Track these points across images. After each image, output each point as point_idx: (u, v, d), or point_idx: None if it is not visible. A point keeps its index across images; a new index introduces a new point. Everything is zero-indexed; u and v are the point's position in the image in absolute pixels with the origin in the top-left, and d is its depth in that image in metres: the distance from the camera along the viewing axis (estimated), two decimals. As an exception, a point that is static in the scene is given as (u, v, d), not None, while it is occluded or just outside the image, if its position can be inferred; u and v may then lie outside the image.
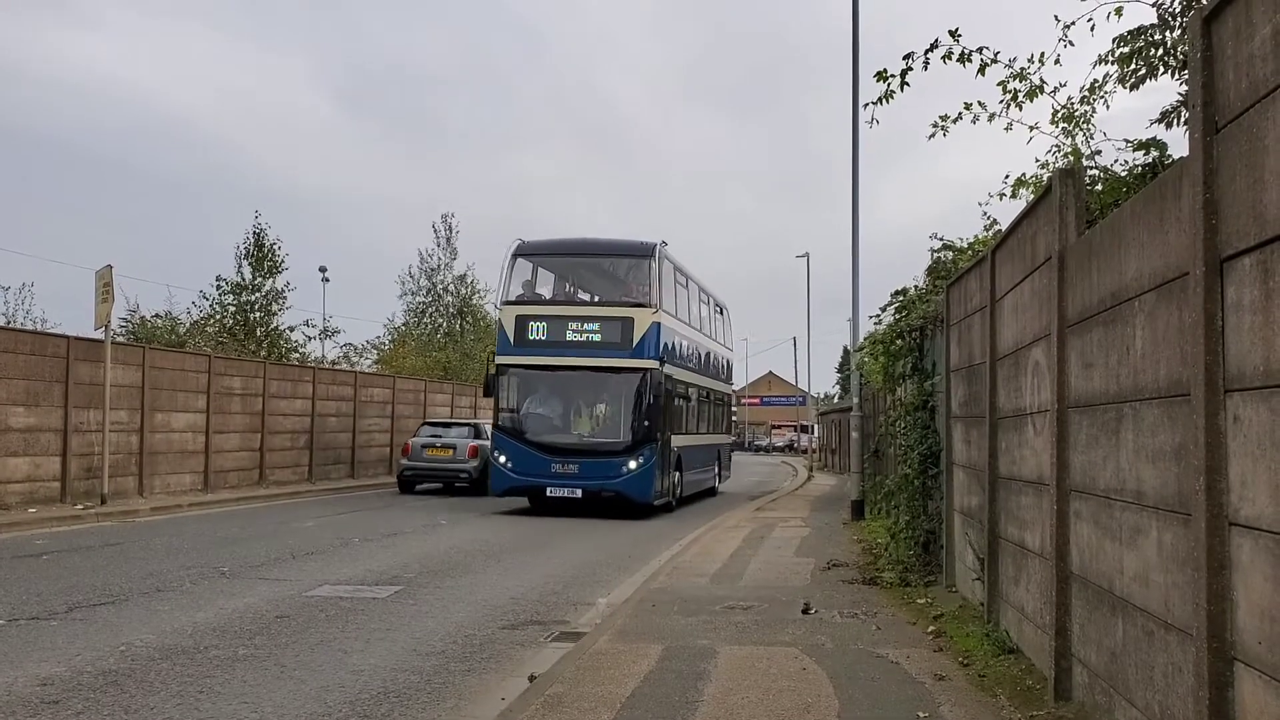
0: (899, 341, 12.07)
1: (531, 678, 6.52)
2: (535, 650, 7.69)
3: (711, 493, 26.72)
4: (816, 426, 58.28)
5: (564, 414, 20.40)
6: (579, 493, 19.36)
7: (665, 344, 20.36)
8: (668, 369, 20.55)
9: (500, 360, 20.39)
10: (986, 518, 7.57)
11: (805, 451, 60.51)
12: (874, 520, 16.50)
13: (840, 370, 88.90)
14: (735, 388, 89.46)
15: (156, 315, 30.04)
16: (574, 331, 20.03)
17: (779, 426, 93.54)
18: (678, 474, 21.95)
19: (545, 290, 21.79)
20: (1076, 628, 5.29)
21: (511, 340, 20.25)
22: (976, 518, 8.16)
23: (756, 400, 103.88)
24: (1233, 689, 3.27)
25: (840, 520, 18.35)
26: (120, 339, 22.56)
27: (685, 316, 23.26)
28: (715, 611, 8.73)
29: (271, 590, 10.06)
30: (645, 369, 19.58)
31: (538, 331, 20.10)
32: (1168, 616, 3.93)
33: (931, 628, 7.93)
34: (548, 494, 19.48)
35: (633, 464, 19.38)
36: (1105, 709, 4.77)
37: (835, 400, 73.88)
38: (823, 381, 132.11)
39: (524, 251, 20.95)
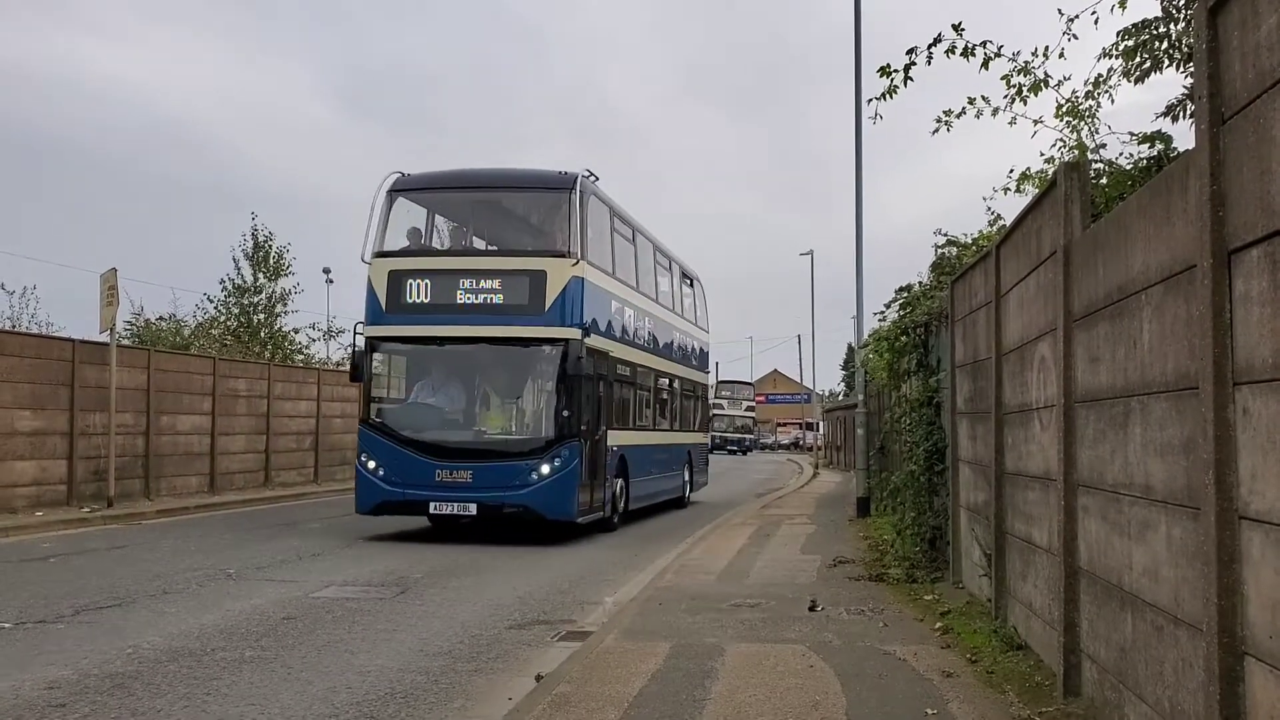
0: (904, 338, 12.05)
1: (539, 677, 6.51)
2: (542, 650, 7.68)
3: (679, 504, 21.85)
4: (821, 424, 58.21)
5: (453, 403, 15.47)
6: (472, 508, 14.39)
7: (593, 307, 15.57)
8: (599, 341, 15.84)
9: (369, 332, 15.40)
10: (993, 514, 7.55)
11: (810, 449, 60.45)
12: (880, 517, 16.48)
13: (845, 368, 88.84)
14: (751, 384, 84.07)
15: (161, 318, 30.08)
16: (466, 291, 14.97)
17: (784, 424, 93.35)
18: (620, 481, 17.12)
19: (431, 238, 16.80)
20: (1085, 623, 5.27)
21: (383, 305, 15.21)
22: (983, 514, 8.13)
23: (762, 398, 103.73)
24: (1244, 684, 3.25)
25: (846, 517, 18.32)
26: (125, 342, 22.56)
27: (629, 278, 18.24)
28: (722, 609, 8.72)
29: (278, 592, 10.05)
30: (563, 339, 14.65)
31: (418, 292, 15.15)
32: (1177, 611, 3.90)
33: (939, 624, 7.91)
34: (431, 511, 14.76)
35: (545, 468, 14.38)
36: (1115, 705, 4.75)
37: (840, 397, 73.81)
38: (827, 379, 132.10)
39: (402, 187, 15.94)
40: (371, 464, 14.92)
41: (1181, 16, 6.52)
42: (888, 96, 7.61)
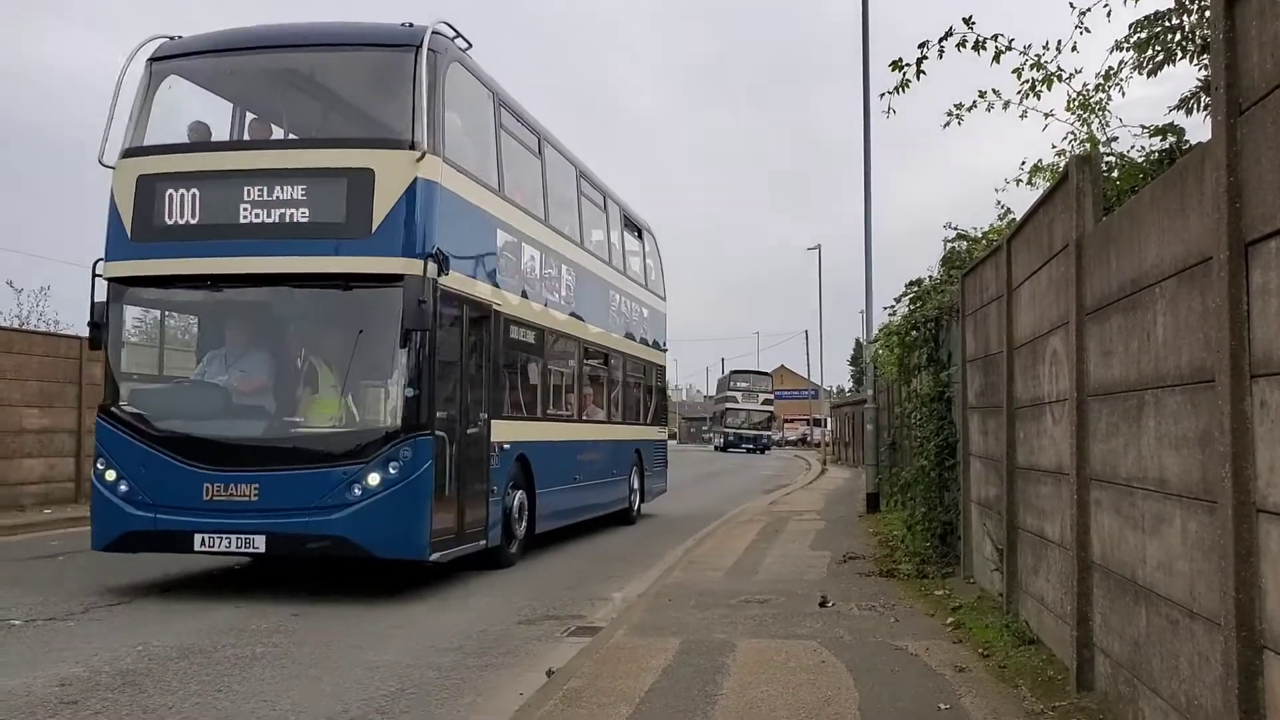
0: (914, 332, 12.03)
1: (549, 673, 6.50)
2: (552, 645, 7.68)
3: (623, 519, 17.09)
4: (829, 420, 58.17)
5: (232, 379, 10.26)
6: (259, 543, 9.36)
7: (458, 232, 10.29)
8: (472, 286, 10.66)
9: (109, 272, 10.12)
10: (1004, 508, 7.53)
11: (818, 445, 60.39)
12: (890, 513, 16.46)
13: (853, 363, 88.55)
14: (769, 375, 79.05)
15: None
16: (254, 203, 9.72)
17: (791, 420, 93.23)
18: (518, 494, 11.93)
19: (208, 129, 10.83)
20: (1098, 617, 5.25)
21: (128, 229, 9.98)
22: (994, 508, 8.12)
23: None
24: (1262, 678, 3.23)
25: (855, 513, 18.30)
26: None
27: (532, 204, 12.96)
28: (732, 605, 8.70)
29: (286, 588, 10.06)
30: (398, 275, 9.39)
31: (181, 207, 9.83)
32: (1193, 605, 3.88)
33: (950, 619, 7.89)
34: (195, 546, 9.47)
35: (373, 478, 9.25)
36: (1129, 699, 4.72)
37: (848, 393, 73.60)
38: (835, 375, 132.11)
39: (169, 55, 10.59)
40: (111, 474, 9.78)
41: (1195, 8, 6.49)
42: (900, 90, 7.58)
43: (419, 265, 9.41)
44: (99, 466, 9.97)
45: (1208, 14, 4.43)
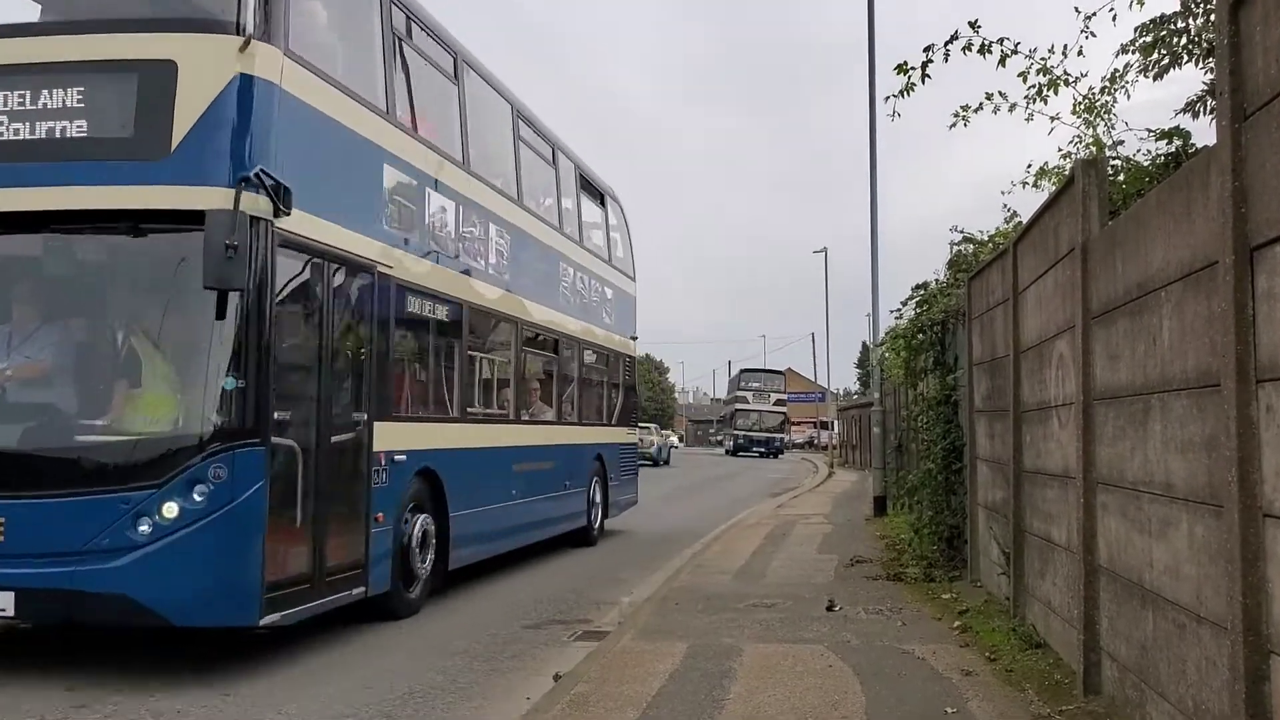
0: (920, 336, 12.03)
1: (556, 677, 6.51)
2: (559, 649, 7.69)
3: (582, 539, 14.00)
4: (836, 423, 58.09)
5: None
6: (7, 601, 6.31)
7: (310, 155, 7.35)
8: (319, 228, 7.29)
9: None
10: (1011, 512, 7.53)
11: (825, 448, 60.27)
12: (897, 516, 16.44)
13: (859, 366, 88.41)
14: (782, 373, 76.20)
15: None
16: (11, 116, 6.76)
17: (798, 423, 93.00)
18: (421, 520, 8.91)
19: None
20: (1105, 621, 5.25)
21: None
22: (1001, 512, 8.11)
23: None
24: (1269, 682, 3.23)
25: (862, 516, 18.27)
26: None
27: (446, 143, 9.89)
28: (739, 609, 8.70)
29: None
30: (199, 211, 6.35)
31: None
32: (1200, 610, 3.88)
33: (957, 623, 7.89)
34: None
35: (170, 508, 6.30)
36: (1136, 703, 4.72)
37: (855, 396, 73.38)
38: (842, 377, 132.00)
39: None
40: None
41: (1200, 11, 6.49)
42: (905, 94, 7.59)
43: (229, 196, 6.45)
44: None
45: (1213, 18, 4.44)
